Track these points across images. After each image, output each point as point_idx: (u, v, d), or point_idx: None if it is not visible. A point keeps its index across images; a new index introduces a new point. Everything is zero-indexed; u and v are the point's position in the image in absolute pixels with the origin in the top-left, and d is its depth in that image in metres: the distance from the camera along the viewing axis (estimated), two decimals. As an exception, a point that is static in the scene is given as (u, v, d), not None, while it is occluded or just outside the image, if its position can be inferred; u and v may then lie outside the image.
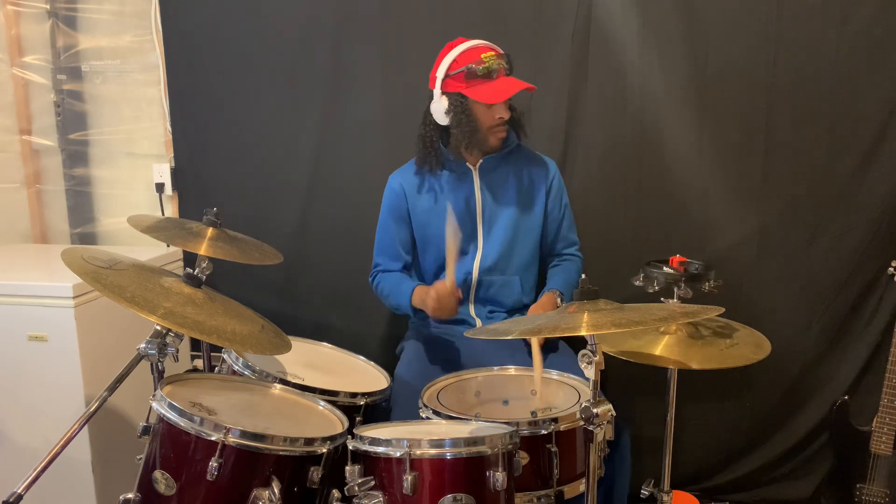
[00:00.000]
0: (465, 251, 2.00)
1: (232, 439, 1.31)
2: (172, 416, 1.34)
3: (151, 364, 1.49)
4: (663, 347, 1.64)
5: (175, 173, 2.59)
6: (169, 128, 2.56)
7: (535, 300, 2.02)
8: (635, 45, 2.25)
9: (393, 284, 2.02)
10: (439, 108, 1.90)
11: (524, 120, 2.05)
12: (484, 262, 1.99)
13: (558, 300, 1.95)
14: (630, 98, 2.29)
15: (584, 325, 1.23)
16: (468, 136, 1.90)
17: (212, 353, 2.03)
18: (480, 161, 1.99)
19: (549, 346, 1.96)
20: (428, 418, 1.57)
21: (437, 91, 1.89)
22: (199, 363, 2.48)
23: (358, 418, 1.65)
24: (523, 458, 1.43)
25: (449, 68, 1.86)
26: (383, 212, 2.06)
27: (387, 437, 1.35)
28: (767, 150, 2.26)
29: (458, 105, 1.87)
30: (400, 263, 2.06)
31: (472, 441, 1.33)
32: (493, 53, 1.85)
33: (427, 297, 1.83)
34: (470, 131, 1.89)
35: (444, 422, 1.55)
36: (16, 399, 2.06)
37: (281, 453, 1.35)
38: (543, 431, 1.47)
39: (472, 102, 1.87)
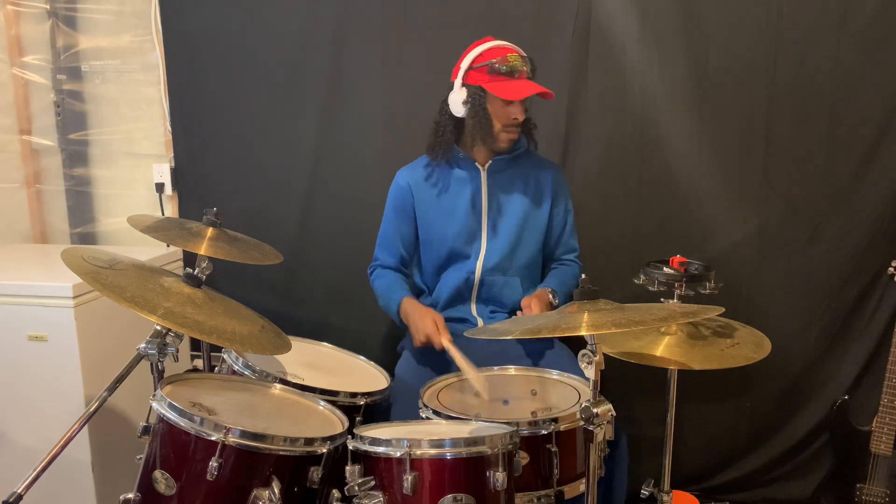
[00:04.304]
0: (468, 252, 2.01)
1: (232, 439, 1.31)
2: (172, 416, 1.34)
3: (151, 364, 1.49)
4: (664, 348, 1.64)
5: (175, 173, 2.59)
6: (169, 128, 2.56)
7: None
8: (635, 45, 2.26)
9: (386, 287, 2.02)
10: (457, 99, 1.91)
11: (535, 131, 2.06)
12: (487, 262, 1.99)
13: (550, 296, 1.95)
14: (630, 98, 2.29)
15: (584, 325, 1.23)
16: (481, 130, 1.91)
17: (212, 353, 2.03)
18: (489, 162, 2.00)
19: (544, 344, 1.96)
20: (428, 418, 1.57)
21: (457, 82, 1.91)
22: (199, 363, 2.48)
23: (358, 418, 1.65)
24: (523, 458, 1.43)
25: (473, 61, 1.88)
26: (388, 207, 2.07)
27: (387, 437, 1.35)
28: (767, 150, 2.26)
29: (477, 98, 1.88)
30: (398, 259, 2.07)
31: (472, 441, 1.33)
32: (518, 56, 1.88)
33: (416, 325, 1.85)
34: (484, 126, 1.90)
35: (444, 422, 1.55)
36: (16, 399, 2.05)
37: (281, 453, 1.35)
38: (543, 431, 1.47)
39: (490, 98, 1.88)
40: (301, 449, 1.37)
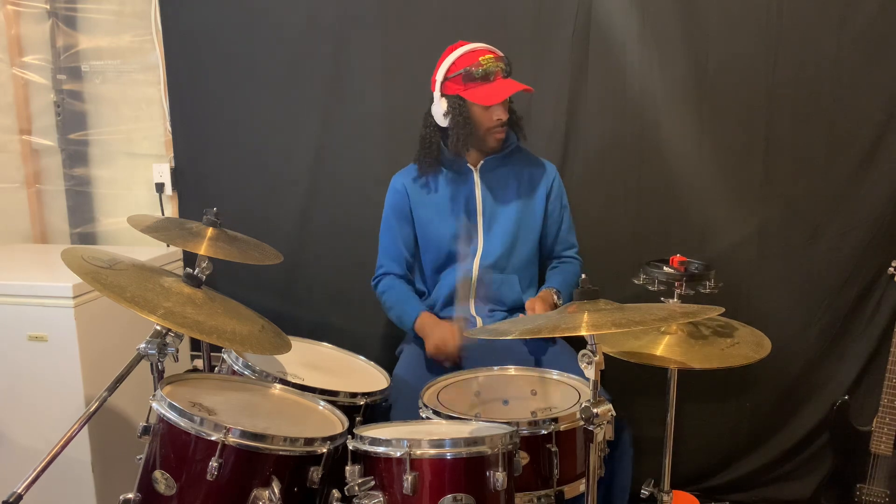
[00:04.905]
0: (465, 253, 2.01)
1: (232, 439, 1.31)
2: (172, 416, 1.34)
3: (151, 364, 1.49)
4: (664, 347, 1.64)
5: (175, 173, 2.59)
6: (169, 128, 2.56)
7: (534, 298, 2.02)
8: (635, 45, 2.26)
9: (398, 300, 2.02)
10: (439, 111, 1.92)
11: (523, 122, 2.07)
12: (484, 260, 2.00)
13: (555, 297, 1.96)
14: (630, 98, 2.29)
15: (584, 325, 1.23)
16: (466, 137, 1.92)
17: (212, 353, 2.03)
18: (481, 162, 2.00)
19: (547, 343, 1.97)
20: (428, 418, 1.57)
21: (436, 93, 1.92)
22: (199, 363, 2.48)
23: (358, 418, 1.65)
24: (523, 458, 1.43)
25: (447, 71, 1.89)
26: (386, 212, 2.08)
27: (387, 437, 1.35)
28: (767, 150, 2.26)
29: (457, 107, 1.89)
30: (403, 263, 2.07)
31: (472, 441, 1.33)
32: (491, 56, 1.88)
33: (431, 335, 1.86)
34: (468, 133, 1.91)
35: (444, 422, 1.55)
36: (16, 399, 2.05)
37: (281, 453, 1.35)
38: (543, 431, 1.47)
39: (470, 104, 1.89)
40: (301, 449, 1.37)
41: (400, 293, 2.03)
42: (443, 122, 1.93)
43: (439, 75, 1.90)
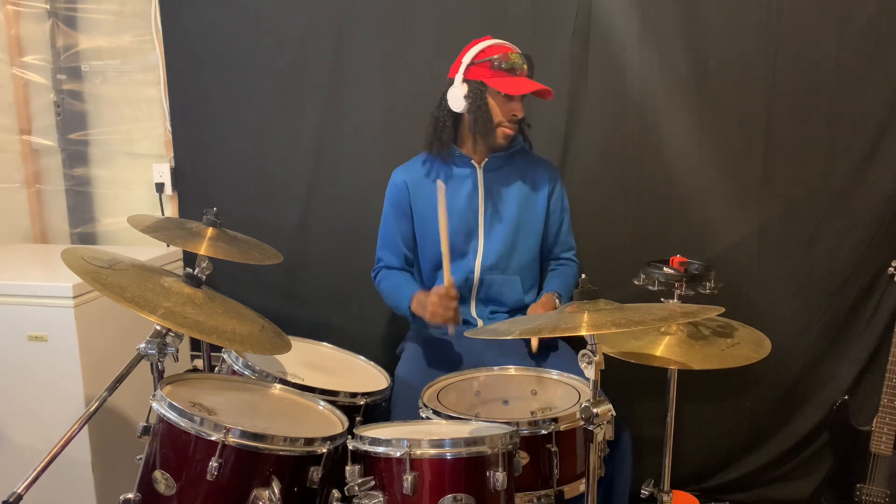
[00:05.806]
0: (465, 251, 2.01)
1: (232, 439, 1.31)
2: (172, 416, 1.34)
3: (151, 364, 1.49)
4: (664, 348, 1.64)
5: (175, 173, 2.59)
6: (169, 128, 2.56)
7: (535, 300, 2.02)
8: (635, 45, 2.26)
9: (394, 285, 2.02)
10: (457, 94, 1.92)
11: (528, 131, 2.09)
12: (485, 261, 2.00)
13: (556, 301, 1.96)
14: (630, 98, 2.29)
15: (584, 325, 1.23)
16: (480, 125, 1.92)
17: (212, 353, 2.03)
18: (486, 160, 2.00)
19: (549, 345, 1.97)
20: (428, 418, 1.57)
21: (458, 77, 1.92)
22: (199, 363, 2.48)
23: (358, 418, 1.65)
24: (523, 458, 1.43)
25: (475, 57, 1.91)
26: (386, 206, 2.08)
27: (387, 437, 1.35)
28: (767, 150, 2.26)
29: (477, 92, 1.90)
30: (402, 258, 2.07)
31: (472, 441, 1.33)
32: (518, 54, 1.92)
33: (426, 301, 1.84)
34: (483, 121, 1.91)
35: (444, 422, 1.55)
36: (16, 399, 2.05)
37: (281, 453, 1.35)
38: (543, 431, 1.47)
39: (490, 94, 1.90)
40: (301, 449, 1.37)
41: (395, 280, 2.03)
42: (459, 105, 1.92)
43: (465, 59, 1.91)
